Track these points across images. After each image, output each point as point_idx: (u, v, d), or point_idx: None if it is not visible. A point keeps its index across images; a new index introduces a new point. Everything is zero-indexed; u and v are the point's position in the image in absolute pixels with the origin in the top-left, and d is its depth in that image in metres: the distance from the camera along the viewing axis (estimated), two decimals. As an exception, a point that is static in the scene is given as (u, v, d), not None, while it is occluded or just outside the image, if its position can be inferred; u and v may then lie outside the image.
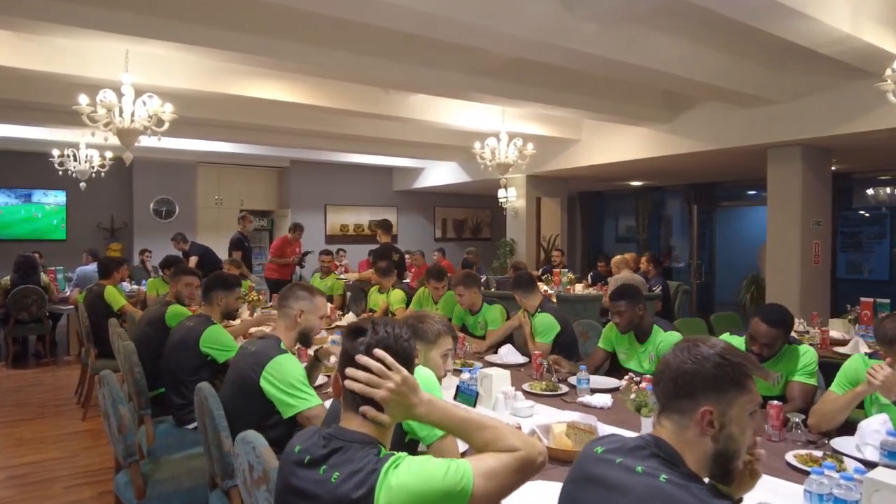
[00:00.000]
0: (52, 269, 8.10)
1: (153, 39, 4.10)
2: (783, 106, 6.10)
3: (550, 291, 7.03)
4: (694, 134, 7.08)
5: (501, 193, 10.04)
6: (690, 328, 5.24)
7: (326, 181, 12.32)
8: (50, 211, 10.60)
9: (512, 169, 7.28)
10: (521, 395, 2.84)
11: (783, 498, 1.83)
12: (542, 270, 8.94)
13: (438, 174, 11.77)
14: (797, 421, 2.41)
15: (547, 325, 3.87)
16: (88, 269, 7.65)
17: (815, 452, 2.19)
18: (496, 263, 10.36)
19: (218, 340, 3.32)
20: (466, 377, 2.96)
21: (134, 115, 4.64)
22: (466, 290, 4.46)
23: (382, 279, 5.77)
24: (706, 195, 11.10)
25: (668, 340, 3.33)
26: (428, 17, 3.74)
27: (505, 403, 2.78)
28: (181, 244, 8.90)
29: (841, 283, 9.42)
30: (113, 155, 8.11)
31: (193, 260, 8.52)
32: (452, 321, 4.68)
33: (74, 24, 3.88)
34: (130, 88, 4.62)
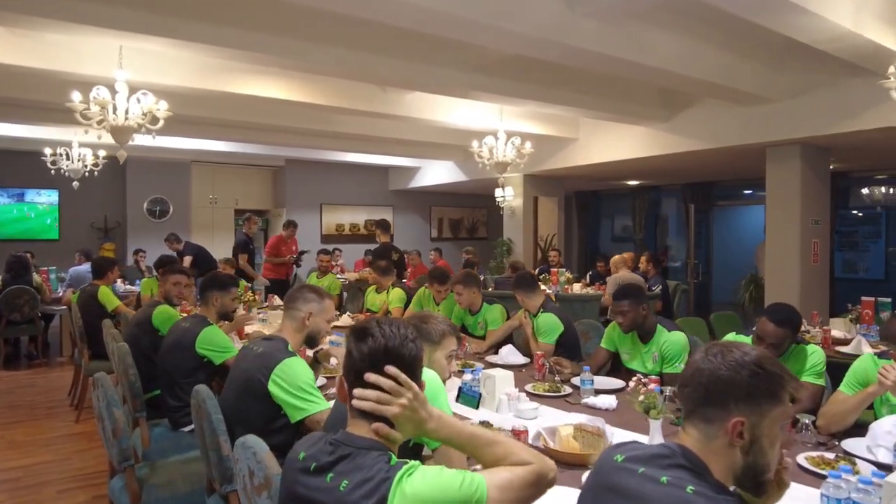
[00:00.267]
0: (44, 269, 8.00)
1: (147, 35, 4.04)
2: (782, 104, 6.07)
3: (549, 291, 6.99)
4: (692, 133, 7.06)
5: (498, 193, 10.00)
6: (691, 328, 5.20)
7: (322, 180, 12.24)
8: (43, 210, 10.49)
9: (510, 168, 7.23)
10: (524, 396, 2.80)
11: (798, 502, 1.78)
12: (539, 270, 8.89)
13: (435, 173, 11.72)
14: (807, 422, 2.36)
15: (550, 325, 3.82)
16: (81, 269, 7.56)
17: (826, 454, 2.15)
18: (493, 263, 10.32)
19: (214, 342, 3.27)
20: (469, 378, 2.91)
21: (128, 112, 4.57)
22: (465, 289, 4.41)
23: (382, 278, 5.72)
24: (703, 194, 11.08)
25: (672, 340, 3.29)
26: (428, 12, 3.69)
27: (508, 405, 2.73)
28: (175, 244, 8.82)
29: (837, 282, 9.42)
30: (106, 154, 8.04)
31: (188, 260, 8.44)
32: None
33: (68, 19, 3.81)
34: (124, 85, 4.55)
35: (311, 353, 3.00)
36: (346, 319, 5.34)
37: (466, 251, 9.19)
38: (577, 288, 7.65)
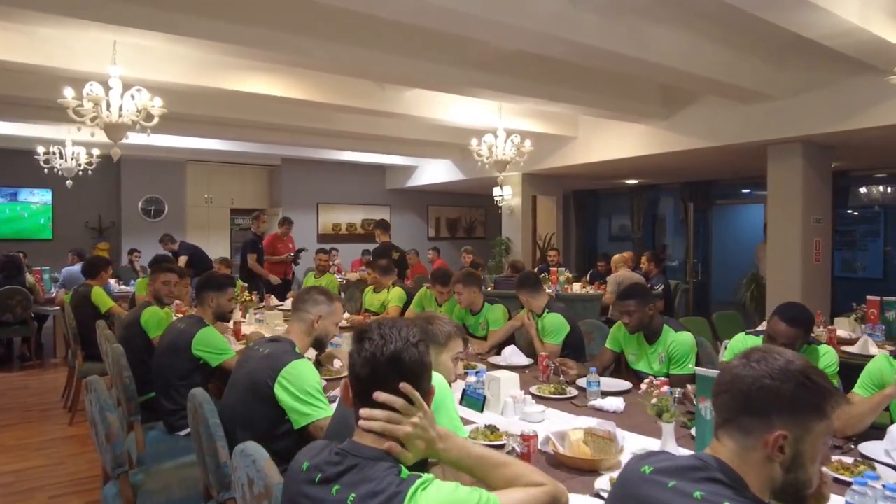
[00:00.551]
0: (37, 269, 7.90)
1: (142, 30, 3.95)
2: (783, 102, 6.02)
3: (549, 291, 6.92)
4: (692, 131, 7.00)
5: (497, 192, 9.93)
6: (693, 328, 5.11)
7: (318, 179, 12.16)
8: (36, 210, 10.38)
9: (508, 167, 7.16)
10: (530, 398, 2.72)
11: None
12: (538, 269, 8.83)
13: (432, 172, 11.64)
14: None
15: (557, 325, 3.75)
16: (75, 269, 7.46)
17: (844, 459, 2.09)
18: (492, 262, 10.25)
19: (211, 343, 3.19)
20: (472, 380, 2.84)
21: (122, 109, 4.48)
22: (465, 288, 4.34)
23: (383, 277, 5.64)
24: (702, 193, 11.03)
25: (679, 341, 3.22)
26: (429, 7, 3.62)
27: (514, 408, 2.65)
28: (169, 245, 8.73)
29: (836, 281, 9.39)
30: (100, 152, 7.94)
31: (183, 259, 8.35)
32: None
33: (61, 12, 3.73)
34: (118, 81, 4.45)
35: (312, 355, 2.93)
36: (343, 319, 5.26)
37: (466, 251, 9.11)
38: (576, 287, 7.59)
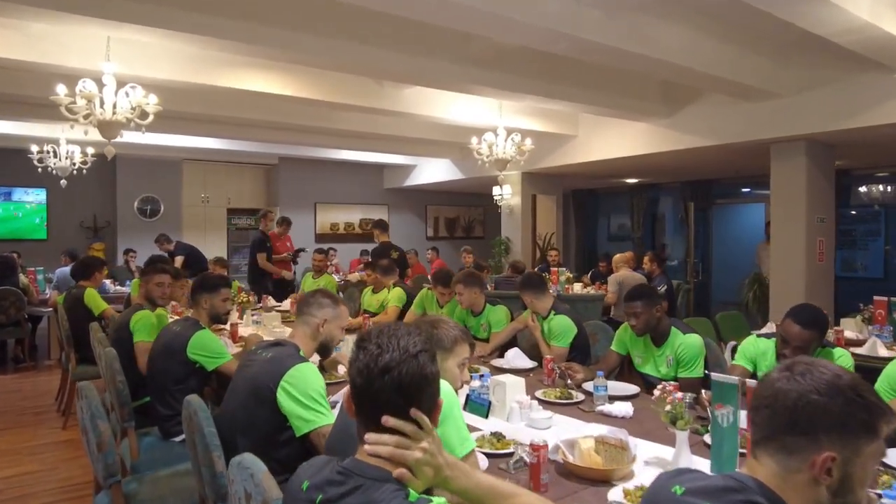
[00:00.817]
0: (31, 269, 7.79)
1: (136, 25, 3.85)
2: (787, 100, 5.95)
3: (550, 291, 6.84)
4: (695, 129, 6.93)
5: (496, 191, 9.85)
6: (697, 329, 5.05)
7: (316, 179, 12.06)
8: (30, 210, 10.24)
9: (508, 165, 7.08)
10: (536, 404, 2.64)
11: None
12: (537, 269, 8.75)
13: (431, 172, 11.55)
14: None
15: (564, 327, 3.66)
16: (68, 270, 7.36)
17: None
18: (492, 262, 10.16)
19: (207, 346, 3.11)
20: (477, 385, 2.76)
21: (116, 106, 4.38)
22: (466, 289, 4.25)
23: (384, 277, 5.56)
24: (702, 192, 10.97)
25: (687, 343, 3.14)
26: (432, 2, 3.53)
27: (520, 414, 2.57)
28: (165, 245, 8.65)
29: (837, 280, 9.34)
30: (95, 151, 7.83)
31: (179, 260, 8.27)
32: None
33: (53, 7, 3.63)
34: (112, 78, 4.35)
35: (315, 361, 2.85)
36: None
37: (465, 250, 9.02)
38: (577, 288, 7.52)
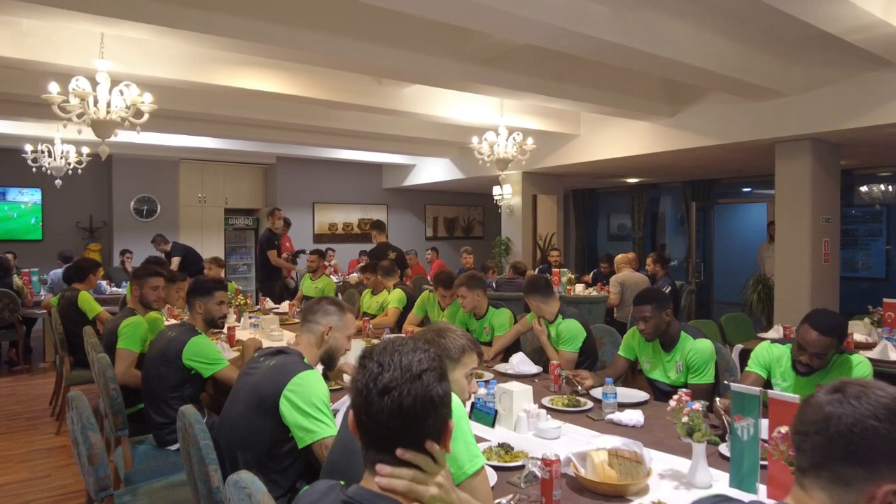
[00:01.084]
0: (25, 270, 7.68)
1: (130, 21, 3.74)
2: (792, 98, 5.86)
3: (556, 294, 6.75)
4: (698, 128, 6.84)
5: (496, 191, 9.75)
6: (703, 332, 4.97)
7: (314, 178, 11.95)
8: (26, 210, 10.12)
9: (509, 165, 6.99)
10: (544, 413, 2.55)
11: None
12: (538, 270, 8.67)
13: (430, 171, 11.45)
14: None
15: (574, 331, 3.57)
16: (63, 272, 7.26)
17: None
18: (492, 263, 10.07)
19: (203, 352, 3.01)
20: (482, 392, 2.67)
21: (110, 105, 4.27)
22: (469, 291, 4.16)
23: (385, 279, 5.46)
24: (703, 192, 10.89)
25: (697, 349, 3.05)
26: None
27: (528, 423, 2.48)
28: (162, 245, 8.55)
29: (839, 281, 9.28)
30: (90, 151, 7.72)
31: (176, 261, 8.17)
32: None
33: (44, 2, 3.50)
34: (106, 76, 4.24)
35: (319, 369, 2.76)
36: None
37: (465, 251, 8.93)
38: (579, 289, 7.42)
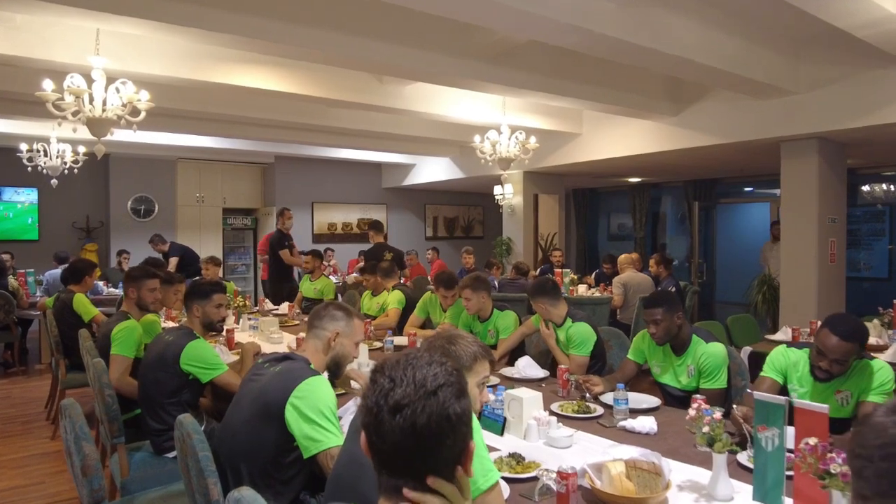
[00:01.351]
0: (21, 271, 7.58)
1: (126, 16, 3.64)
2: (799, 97, 5.79)
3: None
4: (702, 127, 6.76)
5: (497, 190, 9.67)
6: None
7: (313, 178, 11.86)
8: (22, 210, 10.01)
9: (512, 164, 6.91)
10: (555, 421, 2.46)
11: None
12: (540, 270, 8.59)
13: (430, 170, 11.36)
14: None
15: (585, 335, 3.48)
16: (59, 273, 7.15)
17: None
18: (495, 259, 9.98)
19: (201, 357, 2.93)
20: (490, 399, 2.57)
21: (106, 102, 4.18)
22: (474, 294, 4.06)
23: (384, 280, 5.37)
24: (705, 191, 10.81)
25: (710, 352, 2.97)
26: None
27: (538, 431, 2.40)
28: (159, 245, 8.45)
29: (842, 281, 9.21)
30: (86, 150, 7.61)
31: (173, 261, 8.08)
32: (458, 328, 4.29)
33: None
34: (101, 73, 4.15)
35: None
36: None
37: (466, 251, 8.84)
38: (582, 289, 7.35)
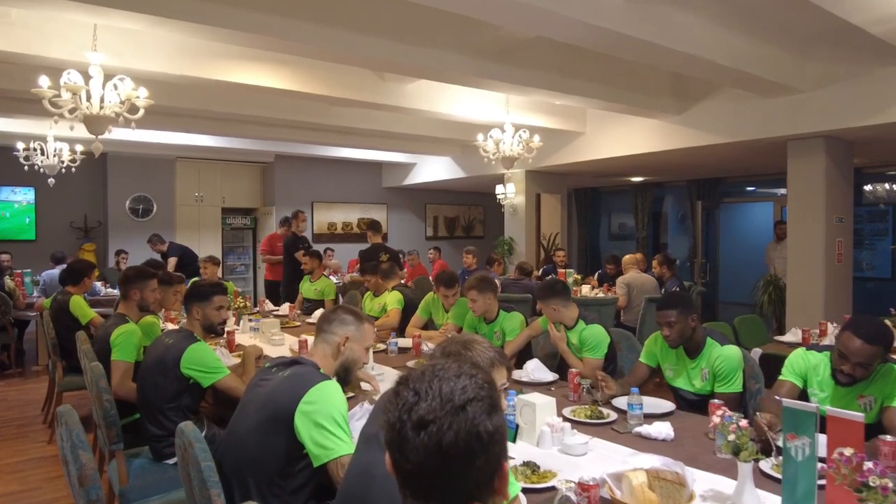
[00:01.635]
0: (18, 271, 7.49)
1: (124, 11, 3.56)
2: (806, 95, 5.72)
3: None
4: (708, 126, 6.69)
5: (499, 189, 9.59)
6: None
7: (313, 177, 11.77)
8: (19, 209, 9.90)
9: (515, 163, 6.83)
10: (569, 427, 2.38)
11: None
12: (543, 271, 8.51)
13: (431, 170, 11.28)
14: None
15: (599, 337, 3.39)
16: (57, 272, 7.06)
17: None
18: (497, 255, 9.89)
19: (202, 361, 2.84)
20: (504, 406, 2.50)
21: (103, 100, 4.09)
22: (480, 295, 3.98)
23: (384, 281, 5.29)
24: (709, 191, 10.73)
25: (725, 355, 2.89)
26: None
27: (552, 438, 2.31)
28: (158, 245, 8.37)
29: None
30: (84, 148, 7.52)
31: (173, 262, 7.99)
32: (464, 331, 4.21)
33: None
34: (99, 70, 4.06)
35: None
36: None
37: (467, 251, 8.76)
38: (585, 290, 7.27)
